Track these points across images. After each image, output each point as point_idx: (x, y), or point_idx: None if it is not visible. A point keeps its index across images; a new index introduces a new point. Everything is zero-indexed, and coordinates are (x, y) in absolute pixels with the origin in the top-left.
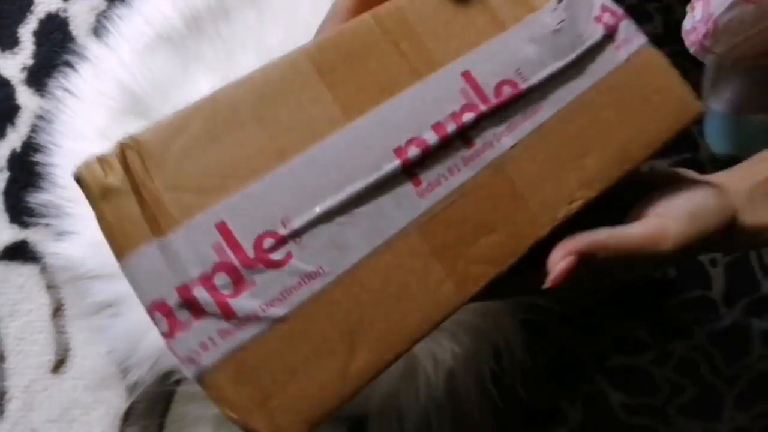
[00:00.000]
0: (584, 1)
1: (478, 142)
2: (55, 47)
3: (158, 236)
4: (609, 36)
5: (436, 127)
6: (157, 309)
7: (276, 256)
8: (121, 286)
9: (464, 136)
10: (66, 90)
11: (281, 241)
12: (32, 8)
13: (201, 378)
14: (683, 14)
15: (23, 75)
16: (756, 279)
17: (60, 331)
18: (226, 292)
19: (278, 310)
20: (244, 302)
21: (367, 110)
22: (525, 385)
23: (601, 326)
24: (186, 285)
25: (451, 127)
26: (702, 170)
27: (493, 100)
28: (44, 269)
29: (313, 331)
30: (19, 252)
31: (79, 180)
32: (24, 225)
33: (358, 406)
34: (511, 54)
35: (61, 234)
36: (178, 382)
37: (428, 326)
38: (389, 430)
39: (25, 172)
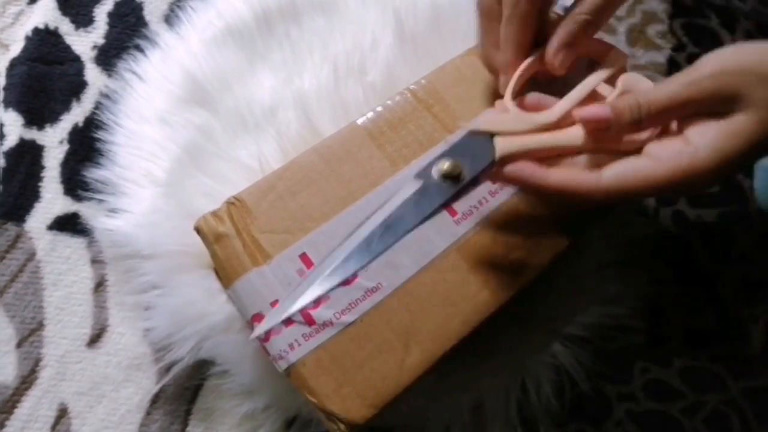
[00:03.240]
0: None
1: None
2: (127, 30)
3: (257, 266)
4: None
5: None
6: (256, 320)
7: None
8: (171, 268)
9: None
10: (133, 72)
11: None
12: None
13: (288, 371)
14: None
15: (93, 53)
16: None
17: (99, 306)
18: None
19: (348, 318)
20: (322, 312)
21: (410, 161)
22: (552, 416)
23: (634, 369)
24: (278, 301)
25: None
26: (750, 225)
27: None
28: (91, 243)
29: (375, 333)
30: (70, 224)
31: (198, 230)
32: (77, 198)
33: (385, 419)
34: None
35: (113, 211)
36: (206, 377)
37: (468, 328)
38: None
39: (84, 146)
